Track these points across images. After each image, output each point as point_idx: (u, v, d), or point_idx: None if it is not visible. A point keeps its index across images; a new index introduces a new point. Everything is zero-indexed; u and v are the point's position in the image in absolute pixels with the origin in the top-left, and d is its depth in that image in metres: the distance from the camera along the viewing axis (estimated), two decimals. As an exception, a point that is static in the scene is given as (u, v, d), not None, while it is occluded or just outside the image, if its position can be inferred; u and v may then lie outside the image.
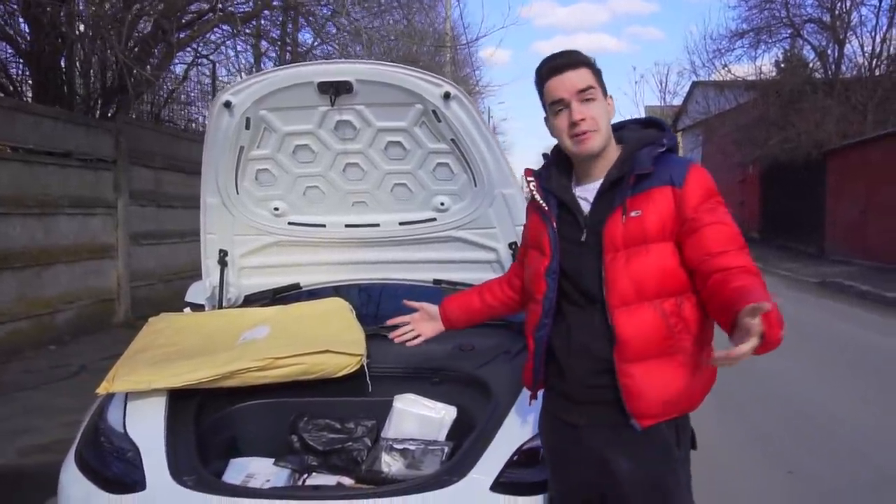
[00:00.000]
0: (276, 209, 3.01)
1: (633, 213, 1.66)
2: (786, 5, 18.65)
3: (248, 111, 2.64)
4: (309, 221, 3.05)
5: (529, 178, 1.85)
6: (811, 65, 18.93)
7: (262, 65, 12.27)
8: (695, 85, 25.43)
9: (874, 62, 17.44)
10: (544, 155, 1.89)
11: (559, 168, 1.83)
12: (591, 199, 1.74)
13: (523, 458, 2.10)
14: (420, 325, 2.24)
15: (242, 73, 12.70)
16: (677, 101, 29.00)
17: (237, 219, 3.01)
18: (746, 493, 3.52)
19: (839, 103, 16.88)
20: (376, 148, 2.79)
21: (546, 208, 1.78)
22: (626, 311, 1.65)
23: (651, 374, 1.65)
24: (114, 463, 2.21)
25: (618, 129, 1.79)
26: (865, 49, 17.71)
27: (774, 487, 3.61)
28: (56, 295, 6.95)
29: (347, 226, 3.05)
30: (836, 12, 17.76)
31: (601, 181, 1.73)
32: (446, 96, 2.56)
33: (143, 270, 8.34)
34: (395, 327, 2.27)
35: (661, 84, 40.10)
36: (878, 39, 17.32)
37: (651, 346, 1.65)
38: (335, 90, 2.56)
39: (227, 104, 2.62)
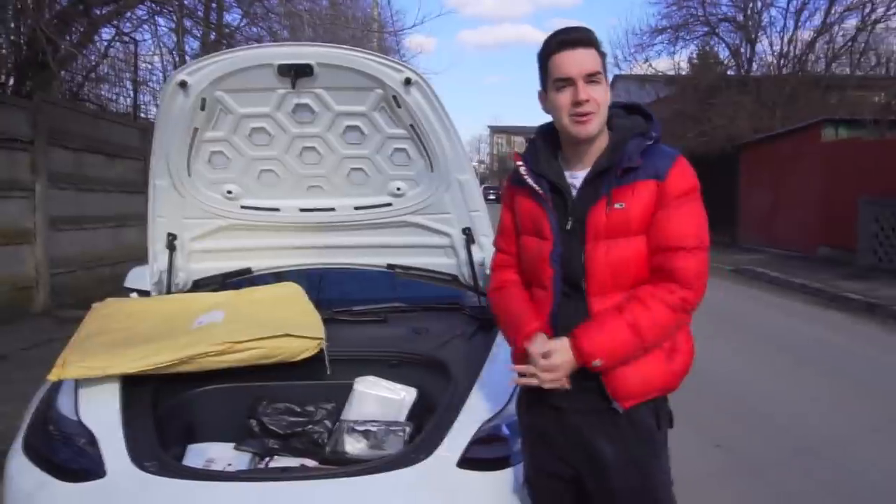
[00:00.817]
0: (229, 192, 2.94)
1: (616, 206, 1.66)
2: (703, 4, 19.45)
3: (203, 91, 2.57)
4: (263, 205, 2.99)
5: (519, 163, 1.80)
6: (726, 62, 19.84)
7: (184, 44, 11.86)
8: (617, 78, 26.10)
9: (782, 61, 18.48)
10: (528, 138, 1.87)
11: (547, 151, 1.79)
12: (578, 186, 1.73)
13: (487, 435, 2.15)
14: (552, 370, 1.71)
15: (163, 53, 12.23)
16: (600, 94, 29.63)
17: (188, 202, 2.92)
18: (680, 467, 3.71)
19: (751, 100, 17.80)
20: (334, 132, 2.77)
21: (541, 192, 1.74)
22: (602, 301, 1.68)
23: (628, 359, 1.67)
24: (68, 451, 2.15)
25: None
26: (775, 48, 18.77)
27: (705, 460, 3.82)
28: (-31, 282, 6.59)
29: (302, 210, 3.01)
30: (749, 12, 18.69)
31: (589, 169, 1.72)
32: (407, 82, 2.56)
33: (62, 257, 7.93)
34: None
35: (583, 76, 40.56)
36: (785, 40, 18.39)
37: None
38: (295, 73, 2.53)
39: (183, 84, 2.54)
